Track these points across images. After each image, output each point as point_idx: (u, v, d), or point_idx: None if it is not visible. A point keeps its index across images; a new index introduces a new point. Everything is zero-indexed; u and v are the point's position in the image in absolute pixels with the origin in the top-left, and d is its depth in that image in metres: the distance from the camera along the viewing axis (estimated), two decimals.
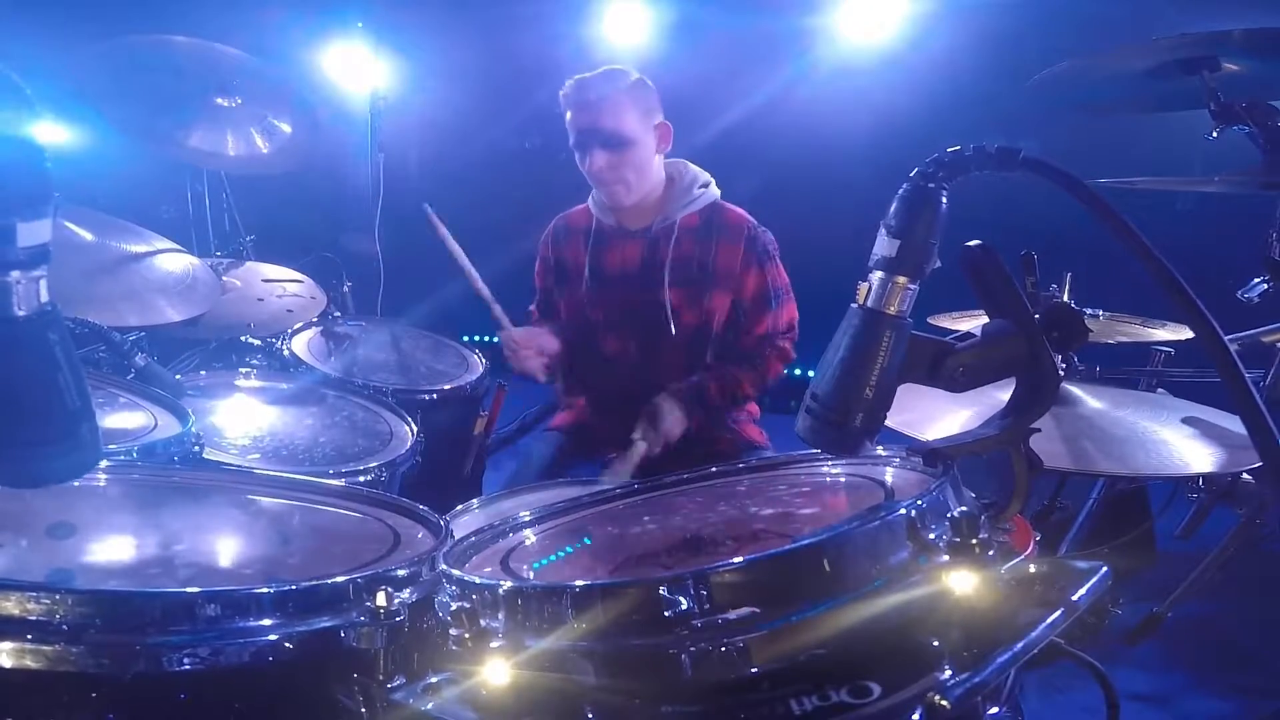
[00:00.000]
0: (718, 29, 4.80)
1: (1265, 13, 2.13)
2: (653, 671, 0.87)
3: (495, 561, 1.21)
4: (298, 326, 2.76)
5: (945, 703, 0.77)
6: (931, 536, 0.93)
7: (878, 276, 1.00)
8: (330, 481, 1.51)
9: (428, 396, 2.50)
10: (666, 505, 1.38)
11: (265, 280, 3.07)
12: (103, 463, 1.36)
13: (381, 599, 0.99)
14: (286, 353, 2.59)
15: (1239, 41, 1.80)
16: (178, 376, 2.09)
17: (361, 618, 0.98)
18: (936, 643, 0.88)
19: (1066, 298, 2.30)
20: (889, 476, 1.24)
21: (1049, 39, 3.91)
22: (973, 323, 2.15)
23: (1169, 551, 2.82)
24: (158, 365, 2.02)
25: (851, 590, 0.88)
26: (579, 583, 0.95)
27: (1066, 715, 2.21)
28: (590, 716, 0.86)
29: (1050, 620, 0.87)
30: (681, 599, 0.86)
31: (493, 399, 2.73)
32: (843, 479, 1.32)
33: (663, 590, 0.87)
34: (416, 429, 2.17)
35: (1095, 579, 0.95)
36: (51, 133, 3.31)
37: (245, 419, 2.14)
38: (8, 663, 0.89)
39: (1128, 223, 0.89)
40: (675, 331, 2.31)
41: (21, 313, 0.86)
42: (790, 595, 0.87)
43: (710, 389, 2.28)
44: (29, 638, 0.89)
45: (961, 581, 0.89)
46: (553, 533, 1.33)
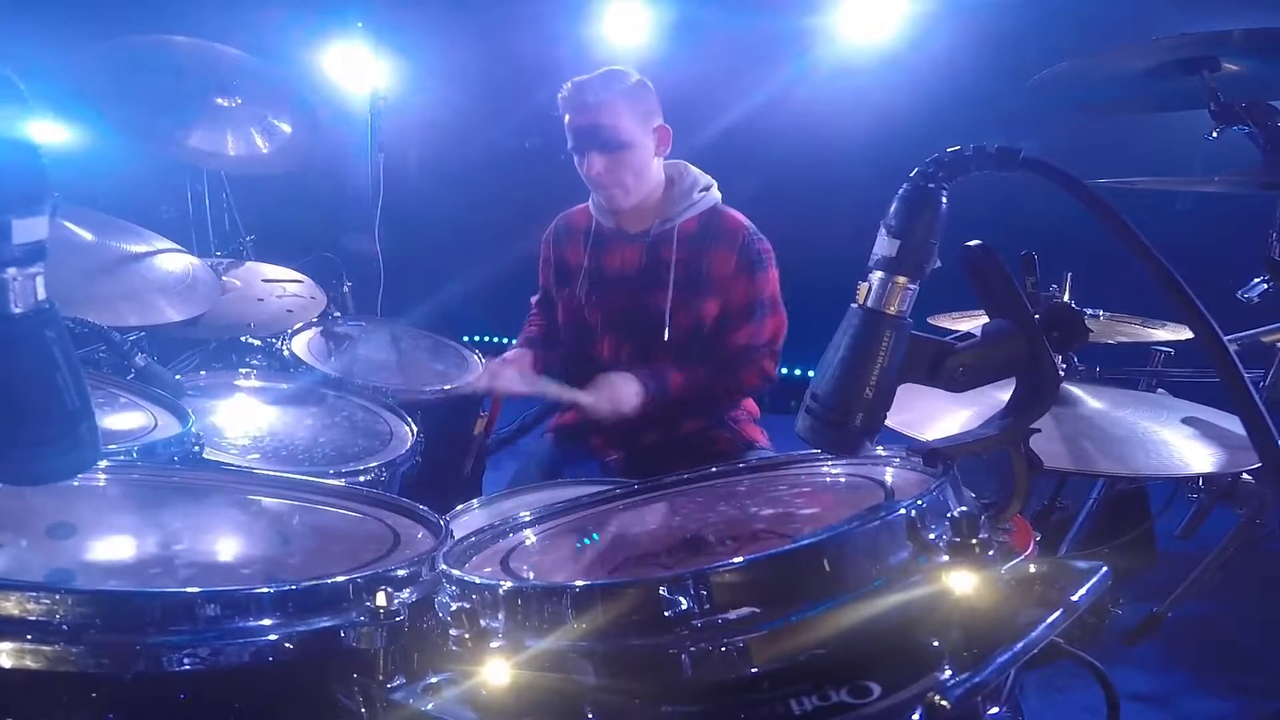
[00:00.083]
0: (718, 29, 4.80)
1: (1265, 13, 2.13)
2: (653, 671, 0.87)
3: (495, 561, 1.21)
4: (298, 326, 2.76)
5: (945, 703, 0.77)
6: (931, 536, 0.93)
7: (878, 276, 1.00)
8: (330, 481, 1.51)
9: (428, 396, 2.50)
10: (666, 505, 1.38)
11: (265, 280, 3.07)
12: (103, 463, 1.36)
13: (381, 599, 0.99)
14: (286, 353, 2.58)
15: (1239, 41, 1.80)
16: (178, 376, 2.09)
17: (361, 618, 0.98)
18: (936, 643, 0.88)
19: (1066, 298, 2.30)
20: (889, 476, 1.24)
21: (1049, 39, 3.92)
22: (973, 323, 2.15)
23: (1169, 551, 2.82)
24: (158, 365, 2.02)
25: (851, 590, 0.88)
26: (579, 583, 0.95)
27: (1066, 715, 2.21)
28: (590, 716, 0.86)
29: (1050, 620, 0.87)
30: (681, 599, 0.86)
31: (493, 399, 2.73)
32: (843, 479, 1.32)
33: (663, 590, 0.87)
34: (416, 429, 2.17)
35: (1095, 579, 0.95)
36: (51, 133, 3.32)
37: (245, 419, 2.13)
38: (8, 663, 0.89)
39: (1128, 223, 0.89)
40: (669, 336, 2.30)
41: (18, 310, 0.86)
42: (790, 595, 0.87)
43: (673, 380, 2.26)
44: (29, 638, 0.89)
45: (961, 581, 0.89)
46: (559, 530, 1.33)
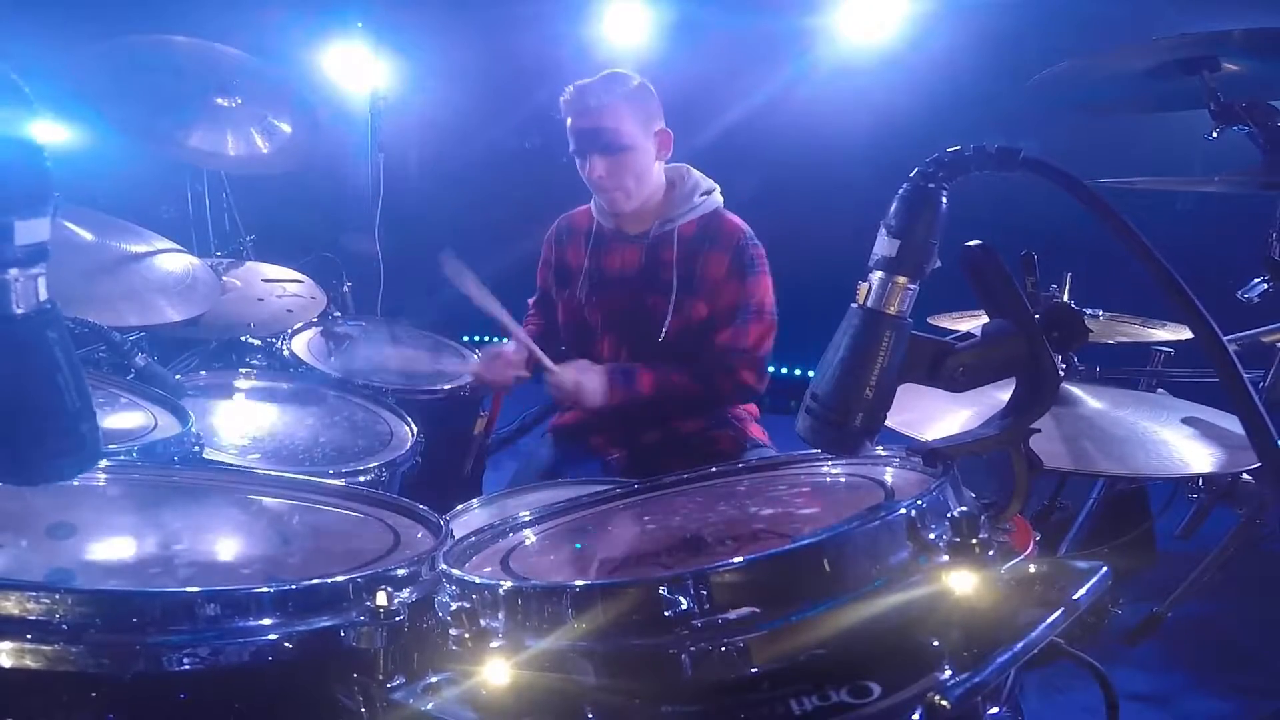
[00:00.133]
0: (718, 29, 4.80)
1: (1265, 13, 2.13)
2: (653, 671, 0.87)
3: (495, 561, 1.21)
4: (298, 326, 2.76)
5: (945, 703, 0.77)
6: (931, 536, 0.93)
7: (878, 276, 1.00)
8: (330, 481, 1.51)
9: (428, 396, 2.50)
10: (666, 505, 1.38)
11: (265, 280, 3.07)
12: (103, 463, 1.36)
13: (381, 599, 0.99)
14: (286, 353, 2.59)
15: (1239, 41, 1.80)
16: (178, 376, 2.09)
17: (361, 617, 0.98)
18: (936, 643, 0.88)
19: (1066, 298, 2.30)
20: (889, 476, 1.24)
21: (1049, 39, 3.92)
22: (973, 323, 2.15)
23: (1169, 551, 2.82)
24: (158, 365, 2.02)
25: (851, 590, 0.88)
26: (579, 583, 0.95)
27: (1066, 715, 2.21)
28: (590, 716, 0.86)
29: (1050, 620, 0.87)
30: (681, 599, 0.86)
31: (492, 399, 2.73)
32: (843, 479, 1.32)
33: (663, 590, 0.87)
34: (416, 429, 2.17)
35: (1095, 579, 0.95)
36: (51, 133, 3.31)
37: (245, 419, 2.14)
38: (8, 663, 0.89)
39: (1128, 223, 0.89)
40: (665, 337, 2.30)
41: (20, 311, 0.86)
42: (790, 595, 0.87)
43: (643, 380, 2.24)
44: (29, 638, 0.89)
45: (961, 581, 0.89)
46: (559, 530, 1.33)
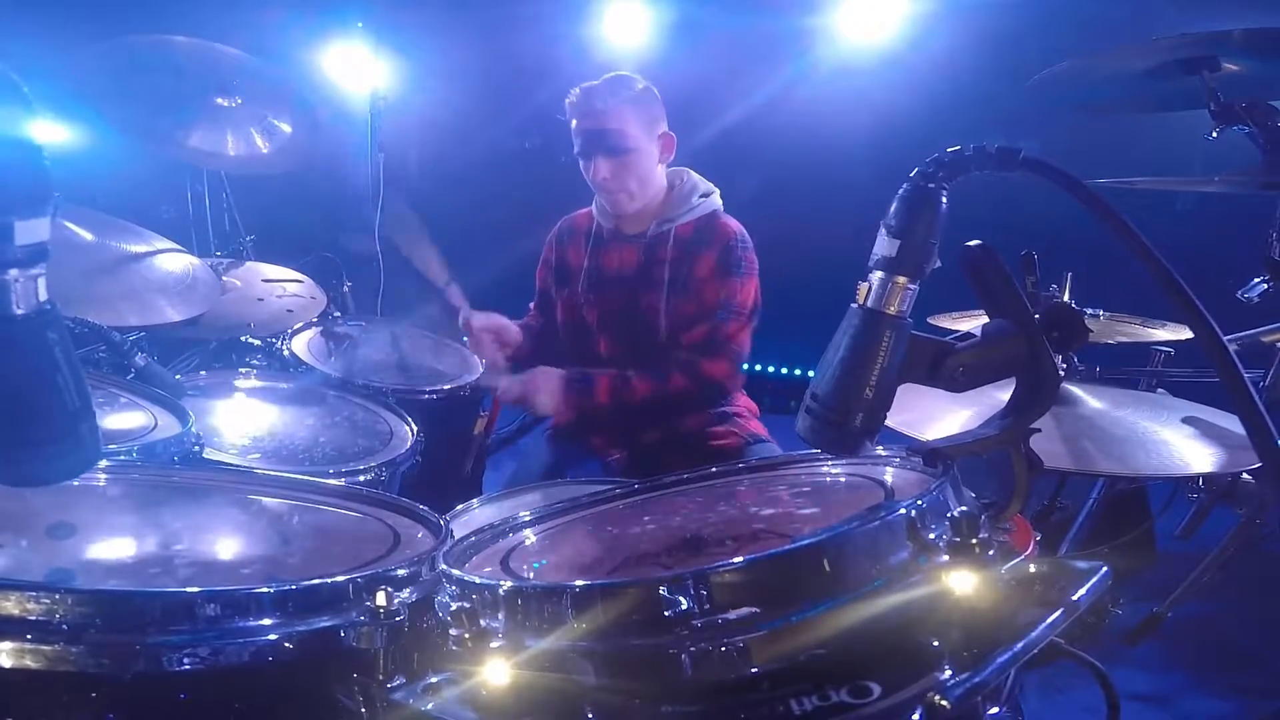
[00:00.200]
0: (718, 29, 4.80)
1: (1265, 13, 2.13)
2: (653, 671, 0.87)
3: (495, 561, 1.20)
4: (298, 326, 2.76)
5: (945, 703, 0.77)
6: (931, 536, 0.93)
7: (878, 276, 1.01)
8: (330, 481, 1.51)
9: (428, 396, 2.50)
10: (666, 505, 1.37)
11: (265, 280, 3.07)
12: (103, 463, 1.36)
13: (381, 599, 0.99)
14: (286, 353, 2.59)
15: (1239, 41, 1.80)
16: (178, 376, 2.09)
17: (361, 618, 0.98)
18: (936, 643, 0.88)
19: (1067, 297, 2.30)
20: (889, 476, 1.24)
21: (1049, 39, 3.91)
22: (973, 323, 2.15)
23: (1169, 551, 2.82)
24: (158, 365, 2.02)
25: (851, 590, 0.88)
26: (579, 583, 0.95)
27: (1066, 715, 2.21)
28: (590, 716, 0.86)
29: (1050, 620, 0.87)
30: (681, 599, 0.86)
31: (493, 399, 2.73)
32: (843, 479, 1.32)
33: (663, 590, 0.87)
34: (416, 429, 2.17)
35: (1095, 579, 0.95)
36: (51, 133, 3.31)
37: (245, 419, 2.13)
38: (8, 663, 0.89)
39: (1128, 223, 0.89)
40: (661, 336, 2.31)
41: (20, 311, 0.86)
42: (790, 595, 0.87)
43: (599, 385, 2.26)
44: (29, 638, 0.89)
45: (961, 581, 0.89)
46: (559, 530, 1.33)
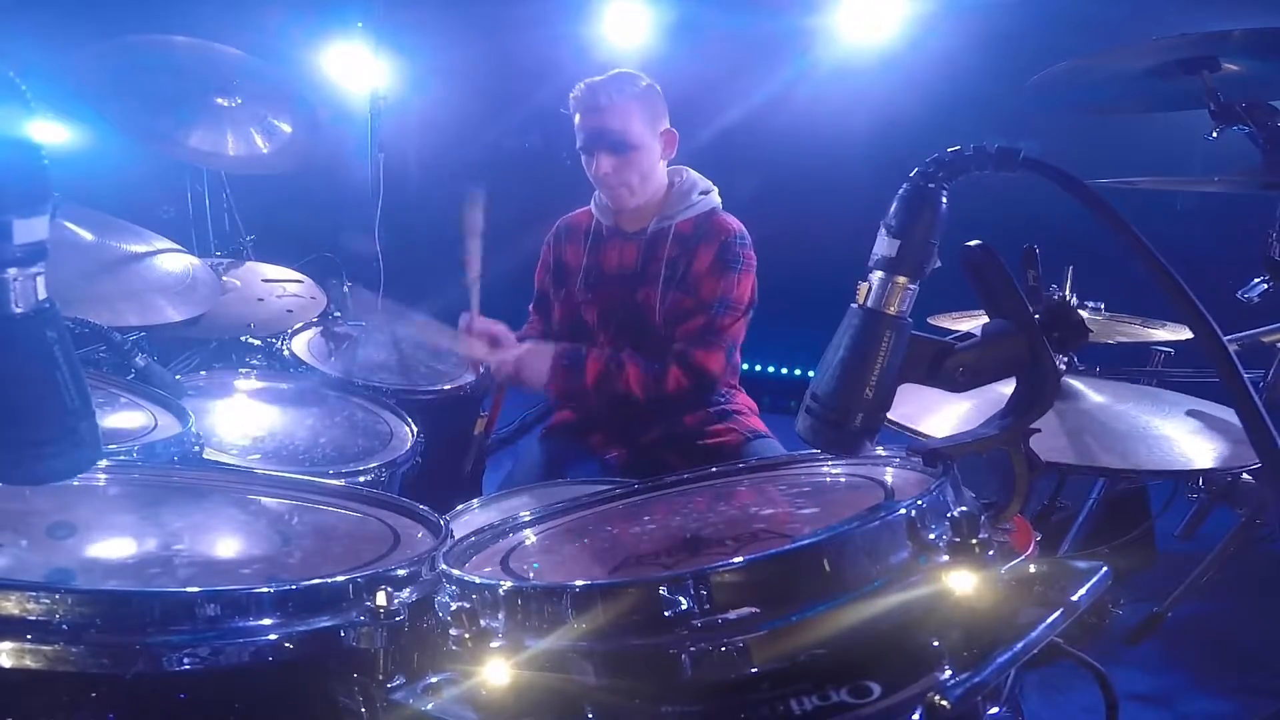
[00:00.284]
0: (718, 29, 4.80)
1: (1265, 13, 2.13)
2: (653, 671, 0.87)
3: (495, 561, 1.20)
4: (298, 326, 2.76)
5: (945, 703, 0.77)
6: (931, 536, 0.93)
7: (878, 276, 1.01)
8: (330, 481, 1.51)
9: (428, 396, 2.50)
10: (666, 505, 1.38)
11: (265, 280, 3.07)
12: (103, 463, 1.36)
13: (381, 599, 0.99)
14: (286, 353, 2.59)
15: (1239, 41, 1.81)
16: (178, 376, 2.09)
17: (361, 618, 0.98)
18: (936, 643, 0.88)
19: (1068, 292, 2.29)
20: (889, 476, 1.24)
21: (1049, 39, 3.91)
22: (973, 323, 2.15)
23: (1169, 551, 2.82)
24: (158, 365, 2.02)
25: (851, 590, 0.88)
26: (579, 583, 0.94)
27: (1066, 715, 2.21)
28: (590, 716, 0.86)
29: (1050, 620, 0.87)
30: (681, 599, 0.86)
31: (493, 399, 2.73)
32: (843, 479, 1.32)
33: (663, 590, 0.87)
34: (416, 429, 2.17)
35: (1095, 579, 0.95)
36: (51, 133, 3.31)
37: (245, 419, 2.14)
38: (8, 663, 0.89)
39: (1128, 223, 0.89)
40: (657, 330, 2.31)
41: (19, 310, 0.86)
42: (790, 595, 0.87)
43: (589, 368, 2.23)
44: (29, 638, 0.89)
45: (961, 581, 0.89)
46: (560, 530, 1.33)
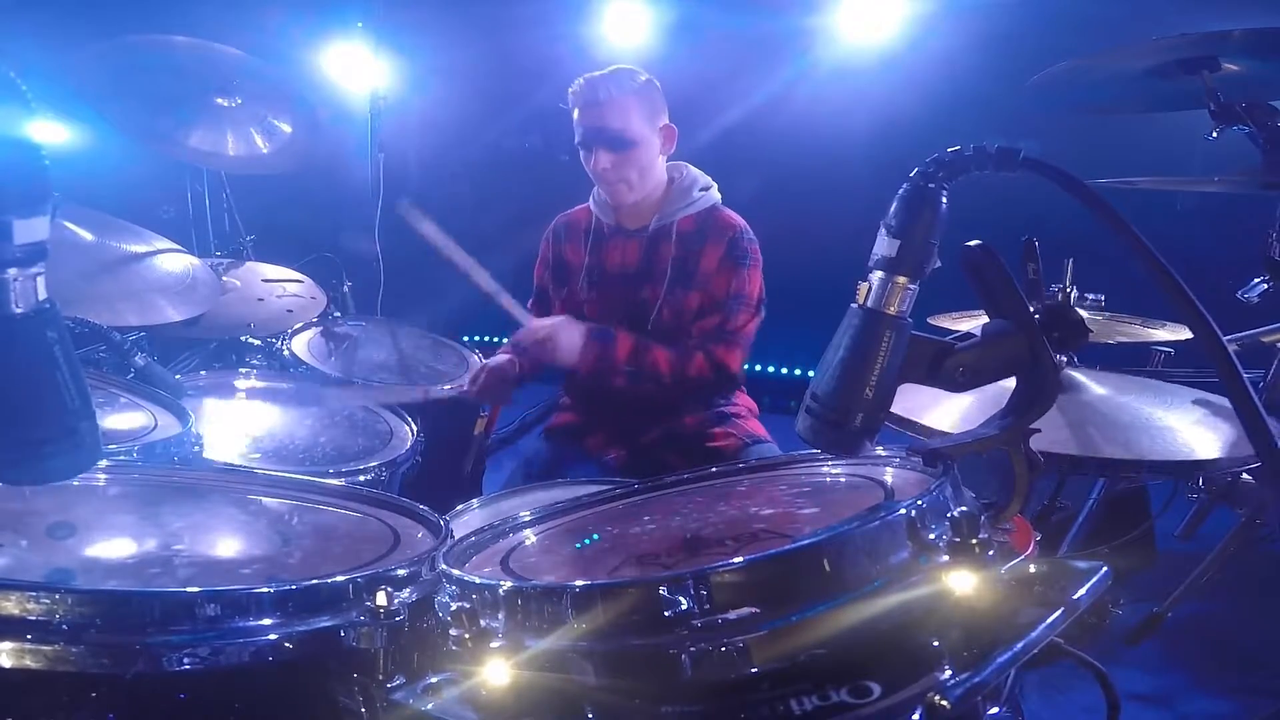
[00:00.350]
0: (718, 29, 4.80)
1: (1265, 13, 2.13)
2: (653, 671, 0.87)
3: (495, 561, 1.20)
4: (298, 326, 2.77)
5: (945, 703, 0.77)
6: (931, 536, 0.93)
7: (878, 276, 1.01)
8: (330, 481, 1.51)
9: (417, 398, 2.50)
10: (666, 505, 1.37)
11: (265, 280, 3.07)
12: (103, 463, 1.36)
13: (381, 599, 0.99)
14: (286, 353, 2.59)
15: (1239, 41, 1.80)
16: (178, 376, 2.09)
17: (361, 618, 0.98)
18: (936, 643, 0.88)
19: (1069, 285, 2.29)
20: (889, 476, 1.24)
21: (1049, 39, 3.91)
22: (973, 323, 2.15)
23: (1169, 551, 2.82)
24: (158, 365, 2.03)
25: (851, 590, 0.88)
26: (579, 583, 0.94)
27: (1066, 715, 2.21)
28: (590, 716, 0.86)
29: (1050, 620, 0.87)
30: (681, 599, 0.86)
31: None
32: (843, 479, 1.32)
33: (663, 590, 0.87)
34: (416, 429, 2.17)
35: (1095, 579, 0.95)
36: (51, 133, 3.31)
37: (245, 419, 2.14)
38: (8, 663, 0.89)
39: (1127, 222, 0.89)
40: (652, 327, 2.31)
41: (19, 310, 0.86)
42: (790, 595, 0.87)
43: (620, 345, 2.24)
44: (29, 638, 0.89)
45: (961, 581, 0.89)
46: (559, 530, 1.33)
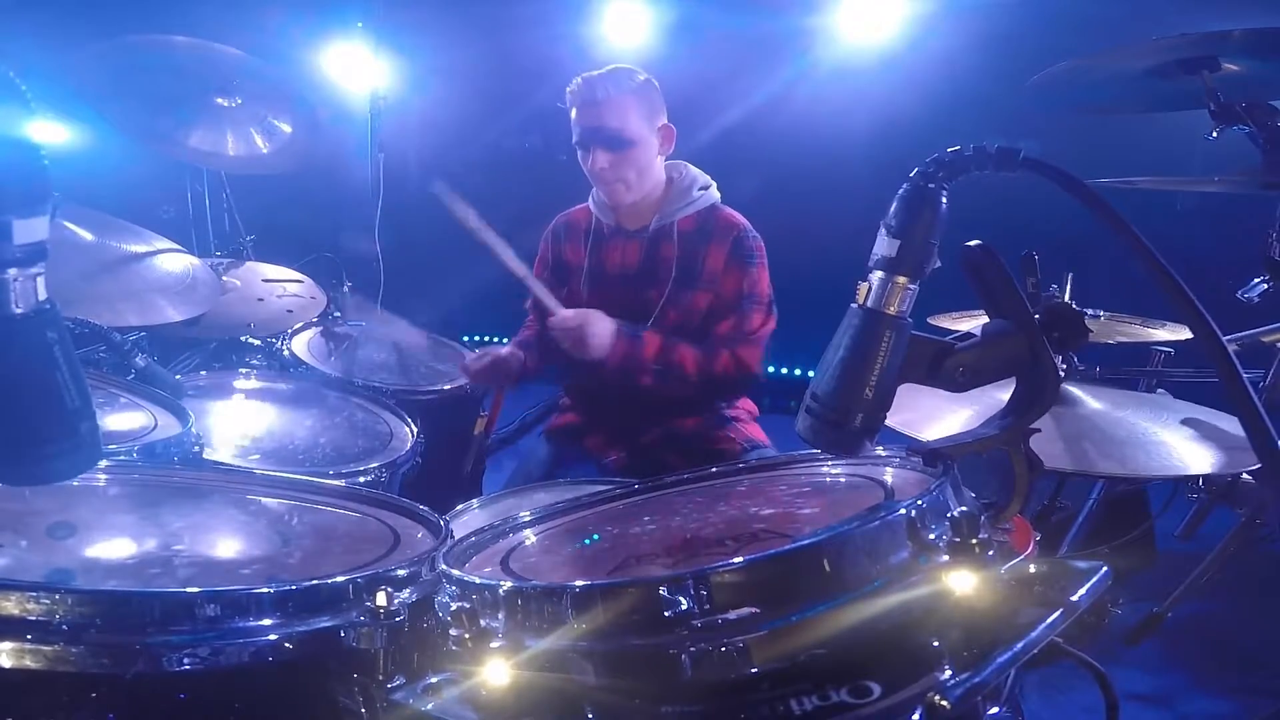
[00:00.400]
0: (718, 29, 4.80)
1: (1265, 13, 2.13)
2: (653, 671, 0.87)
3: (495, 561, 1.20)
4: (298, 326, 2.77)
5: (945, 703, 0.77)
6: (931, 536, 0.93)
7: (878, 276, 1.01)
8: (330, 481, 1.51)
9: (428, 396, 2.50)
10: (666, 505, 1.37)
11: (265, 280, 3.07)
12: (103, 463, 1.36)
13: (381, 599, 0.99)
14: (286, 353, 2.59)
15: (1239, 41, 1.80)
16: (178, 376, 2.09)
17: (361, 618, 0.98)
18: (936, 643, 0.88)
19: (1067, 297, 2.29)
20: (889, 476, 1.24)
21: (1049, 39, 3.91)
22: (973, 323, 2.15)
23: (1169, 551, 2.82)
24: (158, 365, 2.03)
25: (851, 590, 0.88)
26: (579, 583, 0.94)
27: (1066, 715, 2.21)
28: (590, 716, 0.86)
29: (1050, 620, 0.87)
30: (681, 599, 0.86)
31: (493, 399, 2.73)
32: (843, 479, 1.32)
33: (663, 590, 0.87)
34: (416, 429, 2.17)
35: (1095, 579, 0.95)
36: (51, 133, 3.31)
37: (245, 419, 2.14)
38: (8, 663, 0.89)
39: (1127, 222, 0.89)
40: (664, 326, 2.30)
41: (19, 310, 0.86)
42: (790, 595, 0.87)
43: (647, 340, 2.23)
44: (29, 638, 0.89)
45: (961, 581, 0.89)
46: (559, 530, 1.33)
